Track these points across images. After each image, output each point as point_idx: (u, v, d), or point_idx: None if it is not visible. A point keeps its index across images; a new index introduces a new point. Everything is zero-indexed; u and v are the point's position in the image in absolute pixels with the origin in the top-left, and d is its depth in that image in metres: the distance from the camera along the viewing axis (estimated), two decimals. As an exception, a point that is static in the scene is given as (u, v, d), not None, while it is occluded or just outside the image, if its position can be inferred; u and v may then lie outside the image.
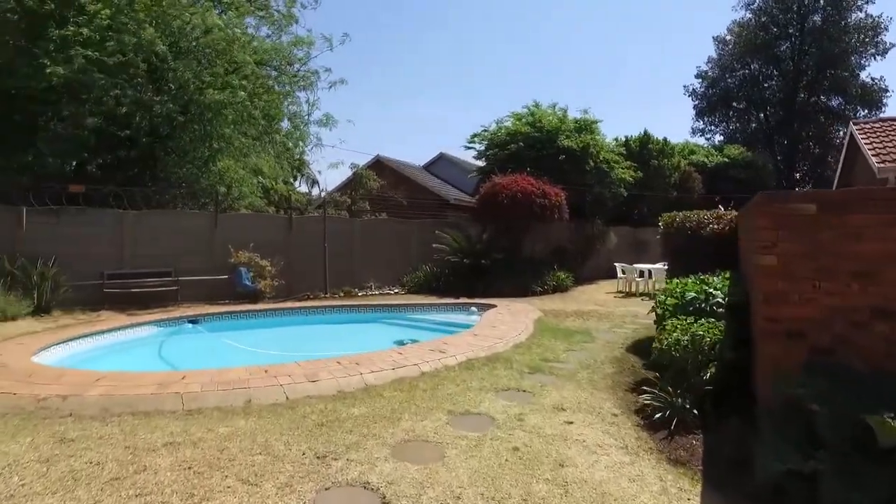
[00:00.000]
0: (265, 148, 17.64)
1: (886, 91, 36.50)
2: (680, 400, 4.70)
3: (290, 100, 16.94)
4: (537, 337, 8.44)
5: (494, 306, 11.64)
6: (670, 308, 6.13)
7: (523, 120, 20.20)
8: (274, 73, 16.44)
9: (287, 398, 5.13)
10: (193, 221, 13.85)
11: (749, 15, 38.76)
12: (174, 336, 9.73)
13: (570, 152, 18.99)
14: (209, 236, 13.77)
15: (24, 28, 13.70)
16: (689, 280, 6.60)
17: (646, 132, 24.06)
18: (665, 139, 24.57)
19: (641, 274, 16.57)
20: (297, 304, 12.56)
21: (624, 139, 24.05)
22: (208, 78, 14.40)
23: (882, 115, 35.66)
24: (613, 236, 21.27)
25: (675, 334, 5.23)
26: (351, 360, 6.23)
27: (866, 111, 36.97)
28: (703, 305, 5.79)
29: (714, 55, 40.99)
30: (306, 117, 17.15)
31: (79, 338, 8.23)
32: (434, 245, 16.32)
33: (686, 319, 5.57)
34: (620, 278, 17.37)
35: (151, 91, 13.92)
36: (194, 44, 14.75)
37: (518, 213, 16.18)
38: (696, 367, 4.96)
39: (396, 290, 15.95)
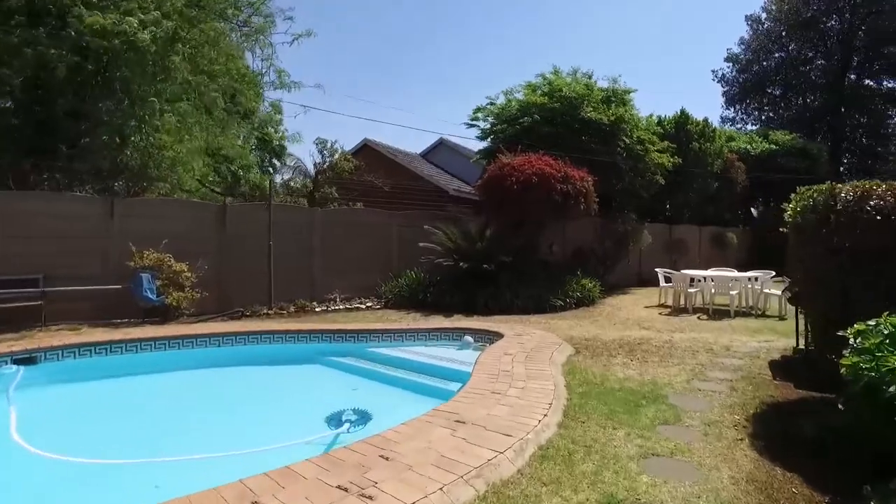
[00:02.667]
0: (211, 118, 13.76)
1: (949, 72, 32.18)
2: None
3: (235, 51, 13.03)
4: (576, 417, 4.46)
5: (499, 336, 7.71)
6: None
7: (538, 91, 16.23)
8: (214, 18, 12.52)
9: None
10: (81, 209, 9.97)
11: (789, -11, 34.59)
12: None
13: (597, 127, 15.00)
14: (103, 230, 9.91)
15: None
16: None
17: (683, 111, 20.02)
18: (706, 119, 20.54)
19: (691, 282, 12.56)
20: (215, 329, 8.60)
21: (657, 119, 20.00)
22: (114, 15, 10.58)
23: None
24: (647, 235, 17.27)
25: None
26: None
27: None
28: None
29: (746, 36, 36.88)
30: (260, 77, 13.27)
31: None
32: (421, 244, 12.39)
33: None
34: (664, 287, 13.37)
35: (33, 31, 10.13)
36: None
37: (532, 203, 12.23)
38: None
39: (370, 304, 12.03)
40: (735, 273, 12.69)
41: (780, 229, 5.54)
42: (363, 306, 11.82)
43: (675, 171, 17.74)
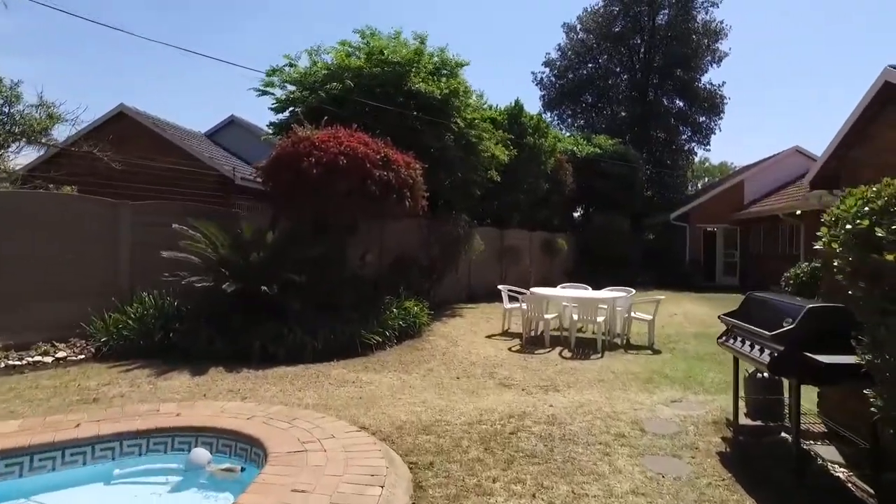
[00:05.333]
0: None
1: (724, 99, 35.16)
2: None
3: None
4: None
5: (262, 449, 3.82)
6: None
7: (354, 55, 12.53)
8: None
9: None
10: None
11: (602, 2, 35.38)
12: None
13: (425, 103, 11.80)
14: None
15: None
16: None
17: (518, 102, 17.83)
18: (539, 113, 18.64)
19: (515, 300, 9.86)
20: None
21: (488, 107, 17.47)
22: None
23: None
24: (479, 241, 14.52)
25: None
26: None
27: (705, 118, 35.49)
28: None
29: (563, 42, 37.20)
30: None
31: None
32: (165, 254, 7.87)
33: None
34: (509, 310, 10.54)
35: None
36: None
37: (339, 195, 8.50)
38: None
39: (65, 354, 7.17)
40: (594, 292, 10.31)
41: (824, 244, 2.60)
42: (49, 359, 6.96)
43: (506, 168, 15.34)
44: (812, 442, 4.71)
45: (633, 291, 10.28)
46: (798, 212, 17.17)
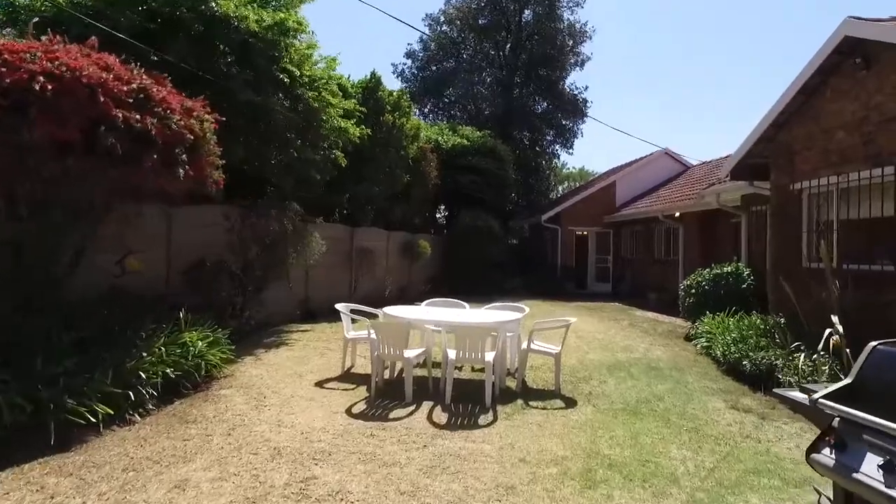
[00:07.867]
0: None
1: (587, 102, 34.72)
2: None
3: None
4: None
5: None
6: None
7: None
8: None
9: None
10: None
11: (466, -6, 33.36)
12: None
13: (238, 37, 8.11)
14: None
15: None
16: None
17: (374, 73, 14.51)
18: (402, 90, 15.49)
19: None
20: None
21: (338, 77, 13.97)
22: None
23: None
24: (319, 240, 10.95)
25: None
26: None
27: (568, 121, 34.81)
28: None
29: (426, 34, 34.64)
30: None
31: None
32: None
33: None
34: (351, 340, 7.18)
35: None
36: None
37: (44, 147, 4.61)
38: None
39: None
40: (476, 313, 7.29)
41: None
42: None
43: (359, 150, 12.06)
44: None
45: (526, 310, 7.46)
46: (677, 213, 15.88)
